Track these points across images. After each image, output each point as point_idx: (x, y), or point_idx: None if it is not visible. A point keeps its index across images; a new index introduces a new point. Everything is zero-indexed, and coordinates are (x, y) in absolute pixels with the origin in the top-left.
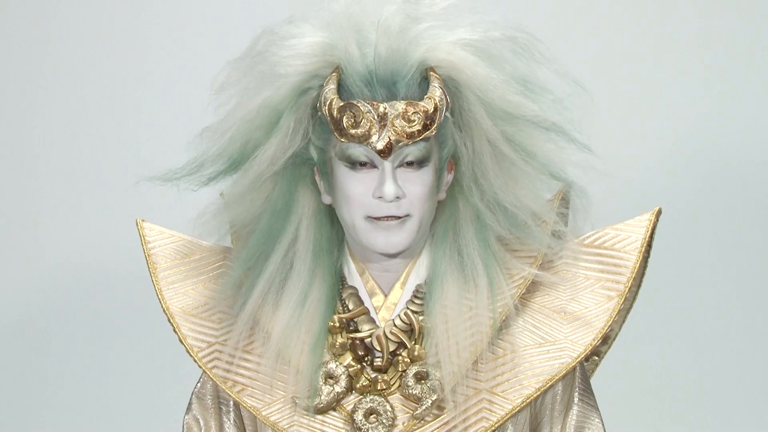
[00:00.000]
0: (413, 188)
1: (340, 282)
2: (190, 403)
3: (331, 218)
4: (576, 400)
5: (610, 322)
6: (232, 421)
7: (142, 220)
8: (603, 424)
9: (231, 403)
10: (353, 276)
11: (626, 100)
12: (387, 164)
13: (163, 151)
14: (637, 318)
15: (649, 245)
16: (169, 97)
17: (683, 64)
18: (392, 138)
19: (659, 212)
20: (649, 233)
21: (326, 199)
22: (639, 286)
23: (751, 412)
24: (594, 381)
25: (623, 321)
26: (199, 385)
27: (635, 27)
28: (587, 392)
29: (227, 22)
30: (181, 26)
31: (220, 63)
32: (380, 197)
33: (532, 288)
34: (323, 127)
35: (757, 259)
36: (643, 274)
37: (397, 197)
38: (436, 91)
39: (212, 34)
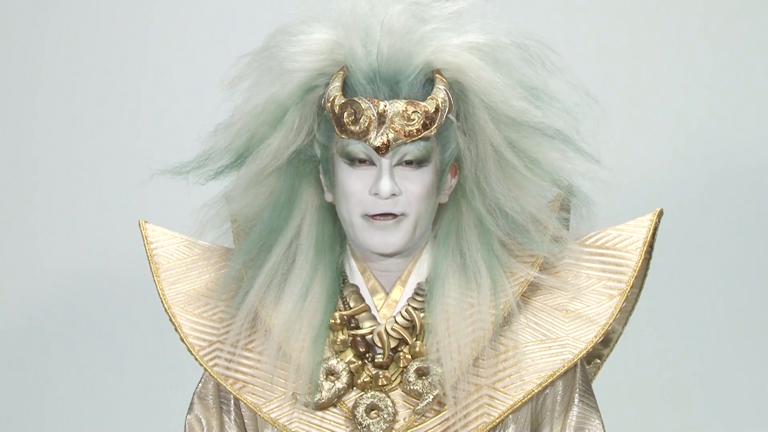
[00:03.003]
0: (411, 187)
1: (341, 279)
2: (191, 403)
3: (334, 216)
4: (576, 400)
5: (611, 320)
6: (232, 421)
7: (145, 221)
8: (603, 425)
9: (231, 402)
10: (355, 274)
11: (629, 103)
12: (384, 161)
13: (165, 153)
14: (639, 319)
15: (651, 246)
16: (169, 98)
17: (687, 67)
18: (390, 136)
19: (661, 213)
20: (650, 234)
21: (328, 197)
22: (641, 288)
23: (752, 411)
24: (595, 380)
25: (625, 323)
26: (200, 385)
27: (640, 31)
28: (587, 393)
29: (227, 22)
30: (180, 29)
31: (219, 64)
32: (376, 194)
33: (534, 287)
34: (327, 124)
35: (759, 260)
36: (644, 276)
37: (393, 194)
38: (439, 93)
39: (211, 36)
